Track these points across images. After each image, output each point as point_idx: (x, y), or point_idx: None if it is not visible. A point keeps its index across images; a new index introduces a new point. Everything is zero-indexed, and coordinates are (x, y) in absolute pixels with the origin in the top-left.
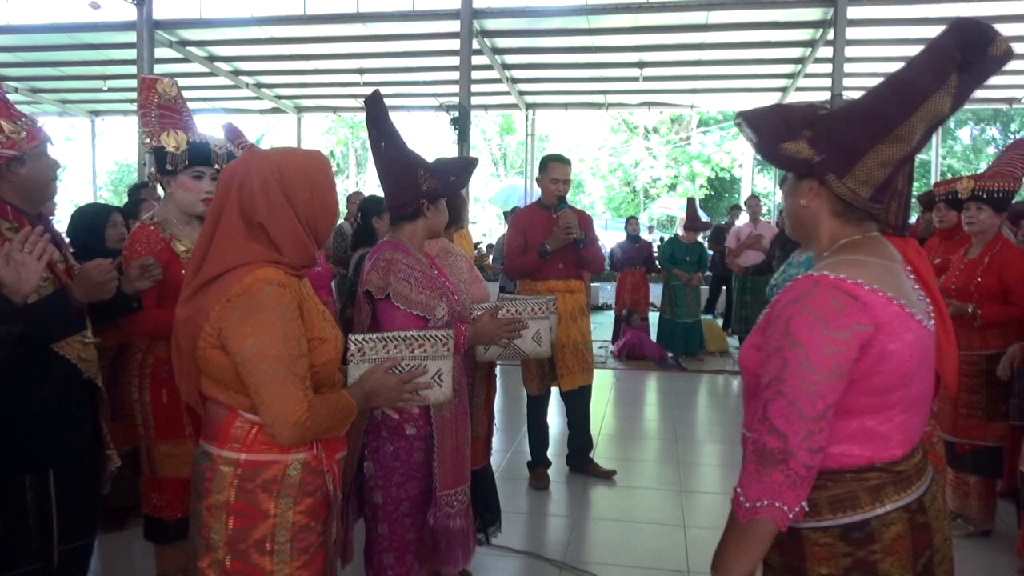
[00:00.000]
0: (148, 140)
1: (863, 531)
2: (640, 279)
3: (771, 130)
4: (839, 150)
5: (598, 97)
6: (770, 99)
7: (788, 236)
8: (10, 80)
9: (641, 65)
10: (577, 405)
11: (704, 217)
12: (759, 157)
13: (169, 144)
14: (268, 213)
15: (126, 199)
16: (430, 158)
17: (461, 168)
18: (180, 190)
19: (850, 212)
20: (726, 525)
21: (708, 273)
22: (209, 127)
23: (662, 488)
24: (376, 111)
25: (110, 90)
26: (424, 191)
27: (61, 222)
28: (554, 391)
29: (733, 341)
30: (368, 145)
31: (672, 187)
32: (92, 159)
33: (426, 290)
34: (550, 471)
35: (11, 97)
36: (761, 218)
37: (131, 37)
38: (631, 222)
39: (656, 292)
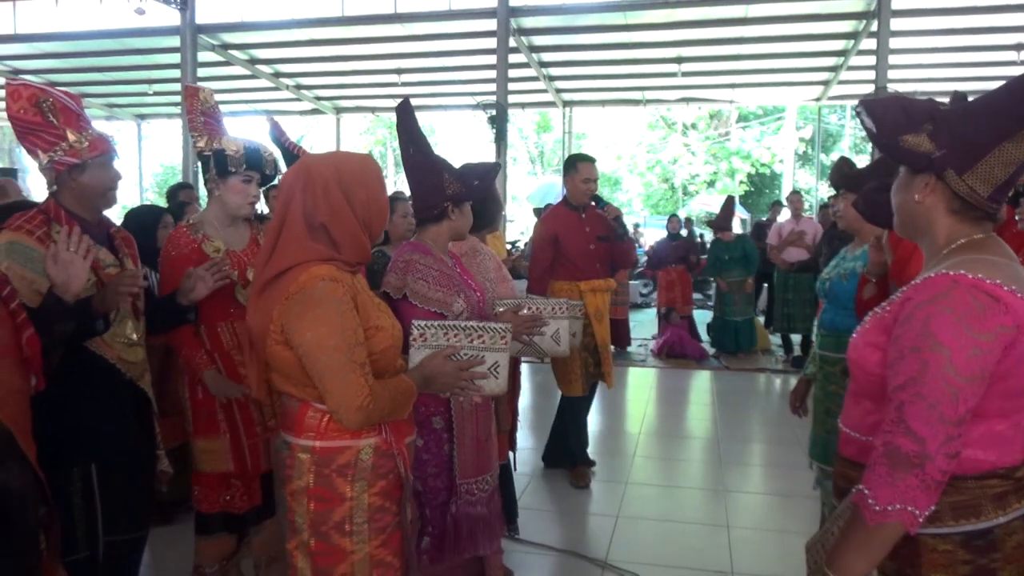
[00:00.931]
0: (202, 144)
1: (986, 539)
2: (680, 277)
3: (892, 121)
4: (961, 146)
5: (636, 93)
6: (811, 93)
7: (836, 233)
8: (62, 85)
9: (679, 60)
10: (587, 403)
11: (744, 214)
12: (875, 147)
13: (230, 148)
14: (330, 214)
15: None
16: (466, 158)
17: (484, 173)
18: (230, 192)
19: (966, 210)
20: (847, 524)
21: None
22: (252, 129)
23: (704, 488)
24: (406, 118)
25: (155, 94)
26: (448, 194)
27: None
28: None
29: (775, 339)
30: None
31: (711, 183)
32: (138, 162)
33: (443, 287)
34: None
35: None
36: (803, 214)
37: (175, 42)
38: (672, 220)
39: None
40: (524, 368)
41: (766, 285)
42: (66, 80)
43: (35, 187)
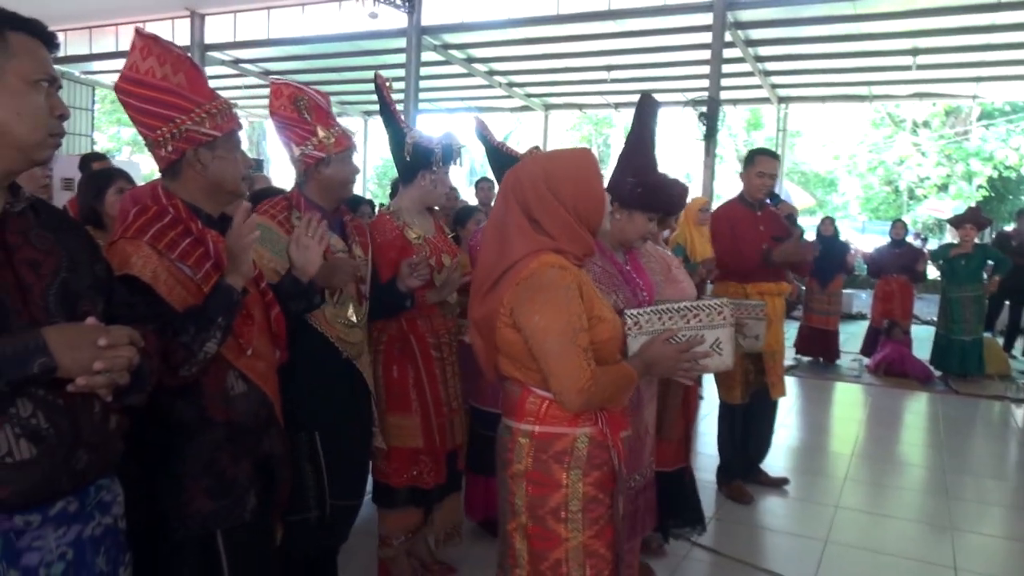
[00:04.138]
0: (411, 139)
1: None
2: (902, 288)
3: None
4: None
5: (861, 89)
6: None
7: None
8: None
9: (915, 52)
10: (769, 414)
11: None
12: None
13: (432, 142)
14: (540, 208)
15: (390, 191)
16: (671, 156)
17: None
18: (431, 184)
19: None
20: None
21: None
22: (461, 125)
23: (924, 522)
24: (646, 111)
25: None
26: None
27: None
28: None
29: (1018, 364)
30: (610, 142)
31: (943, 187)
32: (364, 156)
33: (601, 284)
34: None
35: None
36: None
37: (401, 43)
38: (896, 225)
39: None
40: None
41: (1008, 303)
42: (306, 80)
43: (276, 177)
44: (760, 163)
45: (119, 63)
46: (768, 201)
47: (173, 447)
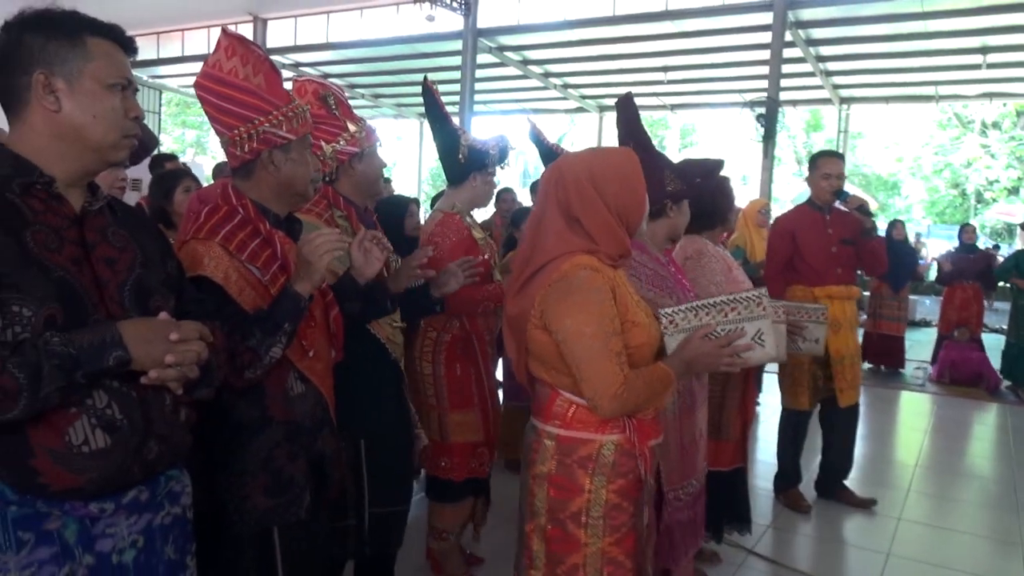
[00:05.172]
0: (466, 141)
1: None
2: (973, 295)
3: None
4: None
5: (927, 88)
6: None
7: None
8: (360, 87)
9: (984, 50)
10: (846, 424)
11: None
12: None
13: (488, 144)
14: (581, 206)
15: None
16: (731, 157)
17: (707, 170)
18: (483, 184)
19: None
20: None
21: None
22: (518, 127)
23: (993, 538)
24: (627, 113)
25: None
26: (668, 192)
27: None
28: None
29: None
30: (665, 144)
31: (1013, 191)
32: (419, 157)
33: (656, 288)
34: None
35: (357, 102)
36: None
37: (457, 45)
38: (967, 230)
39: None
40: None
41: None
42: (364, 82)
43: None
44: (824, 165)
45: (185, 67)
46: (835, 196)
47: (234, 444)
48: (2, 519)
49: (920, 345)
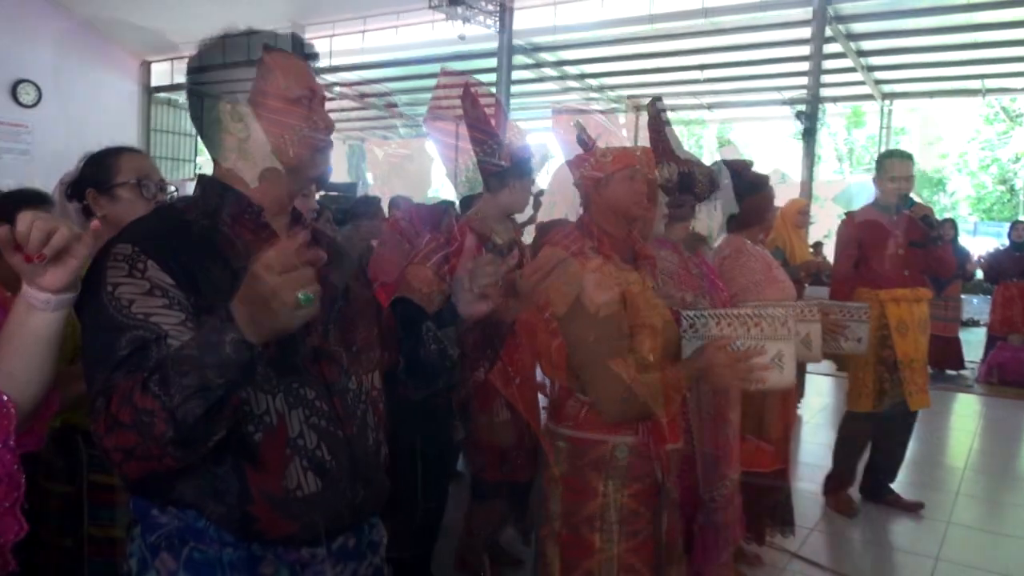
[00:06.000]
0: (508, 147)
1: None
2: (1018, 293)
3: None
4: None
5: (974, 82)
6: None
7: None
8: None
9: None
10: (902, 428)
11: None
12: None
13: (528, 153)
14: (595, 205)
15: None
16: (769, 154)
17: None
18: (521, 191)
19: None
20: None
21: None
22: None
23: None
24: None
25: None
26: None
27: None
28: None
29: None
30: (702, 143)
31: None
32: (456, 163)
33: (684, 286)
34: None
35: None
36: None
37: (493, 46)
38: (1016, 227)
39: None
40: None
41: None
42: (399, 97)
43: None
44: (891, 167)
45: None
46: (910, 203)
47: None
48: (219, 562)
49: (968, 345)
